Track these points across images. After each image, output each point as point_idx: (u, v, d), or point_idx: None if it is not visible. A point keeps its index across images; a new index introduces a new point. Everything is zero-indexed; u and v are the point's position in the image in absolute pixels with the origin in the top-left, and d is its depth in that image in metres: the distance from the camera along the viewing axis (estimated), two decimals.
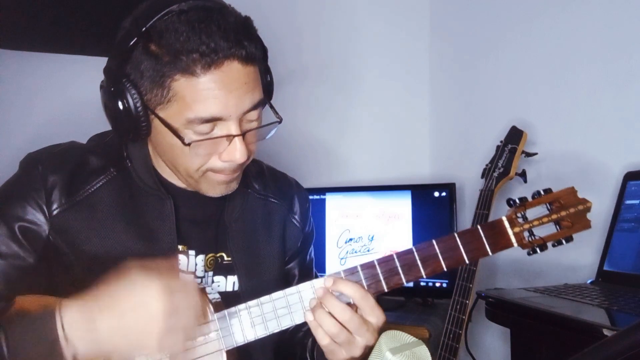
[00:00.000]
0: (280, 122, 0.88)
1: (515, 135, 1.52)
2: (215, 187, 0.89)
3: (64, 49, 1.79)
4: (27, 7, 1.65)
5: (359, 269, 0.86)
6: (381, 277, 0.86)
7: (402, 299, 1.87)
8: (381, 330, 0.84)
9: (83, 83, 1.76)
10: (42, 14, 1.68)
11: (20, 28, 1.71)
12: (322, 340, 0.83)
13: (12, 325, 0.70)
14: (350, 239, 1.93)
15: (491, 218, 1.46)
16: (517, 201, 0.90)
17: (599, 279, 1.27)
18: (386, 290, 0.86)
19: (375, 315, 0.83)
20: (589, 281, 1.28)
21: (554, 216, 0.89)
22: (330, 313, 0.82)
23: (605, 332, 0.88)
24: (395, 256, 0.86)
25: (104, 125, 0.98)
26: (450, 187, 1.82)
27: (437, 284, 1.79)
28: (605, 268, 1.27)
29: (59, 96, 1.79)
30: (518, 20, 1.74)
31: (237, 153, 0.82)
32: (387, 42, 2.17)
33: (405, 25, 2.17)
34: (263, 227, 1.02)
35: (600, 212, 1.33)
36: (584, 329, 0.92)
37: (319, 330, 0.82)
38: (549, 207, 0.91)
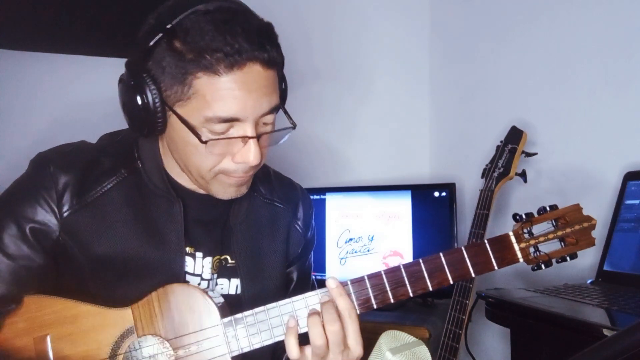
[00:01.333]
0: (294, 128, 0.88)
1: (515, 135, 1.52)
2: (225, 190, 0.89)
3: (64, 49, 1.79)
4: (27, 7, 1.65)
5: (366, 278, 0.86)
6: (388, 288, 0.86)
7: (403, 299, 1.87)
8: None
9: (83, 83, 1.77)
10: (42, 14, 1.68)
11: (20, 28, 1.71)
12: (292, 352, 0.81)
13: None
14: (350, 239, 1.93)
15: (491, 218, 1.46)
16: (524, 216, 0.90)
17: (599, 279, 1.27)
18: (392, 301, 0.86)
19: (356, 340, 0.82)
20: (589, 281, 1.28)
21: (559, 233, 0.90)
22: (322, 323, 0.81)
23: (605, 332, 0.88)
24: (402, 267, 0.86)
25: (105, 126, 0.99)
26: (450, 187, 1.82)
27: None
28: (605, 268, 1.27)
29: (59, 96, 1.79)
30: (518, 20, 1.74)
31: (251, 155, 0.83)
32: (387, 42, 2.17)
33: (405, 25, 2.17)
34: (267, 230, 1.02)
35: (600, 212, 1.33)
36: (584, 329, 0.92)
37: (290, 340, 0.82)
38: (554, 224, 0.91)
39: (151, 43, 0.79)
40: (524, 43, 1.72)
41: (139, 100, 0.81)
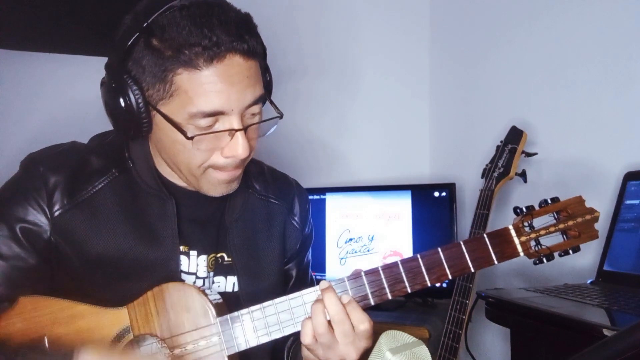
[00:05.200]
0: (281, 117, 0.88)
1: (515, 135, 1.52)
2: (216, 187, 0.89)
3: (64, 49, 1.79)
4: (27, 7, 1.65)
5: (363, 275, 0.85)
6: (385, 284, 0.85)
7: (402, 299, 1.87)
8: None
9: (83, 83, 1.76)
10: (42, 14, 1.68)
11: (20, 28, 1.71)
12: (306, 337, 0.81)
13: None
14: (350, 239, 1.93)
15: (491, 218, 1.46)
16: (524, 209, 0.88)
17: (599, 279, 1.27)
18: (390, 297, 0.85)
19: (363, 322, 0.82)
20: (589, 281, 1.28)
21: (561, 225, 0.88)
22: (325, 309, 0.81)
23: (605, 332, 0.88)
24: (399, 263, 0.85)
25: (104, 125, 0.98)
26: (450, 187, 1.82)
27: (437, 284, 1.79)
28: (605, 268, 1.26)
29: (59, 96, 1.79)
30: (518, 20, 1.74)
31: (239, 147, 0.82)
32: (387, 42, 2.17)
33: (405, 25, 2.17)
34: (263, 227, 1.01)
35: (601, 212, 1.33)
36: (584, 329, 0.92)
37: (307, 325, 0.81)
38: (556, 216, 0.89)
39: (129, 43, 0.79)
40: (524, 43, 1.72)
41: (122, 102, 0.81)
